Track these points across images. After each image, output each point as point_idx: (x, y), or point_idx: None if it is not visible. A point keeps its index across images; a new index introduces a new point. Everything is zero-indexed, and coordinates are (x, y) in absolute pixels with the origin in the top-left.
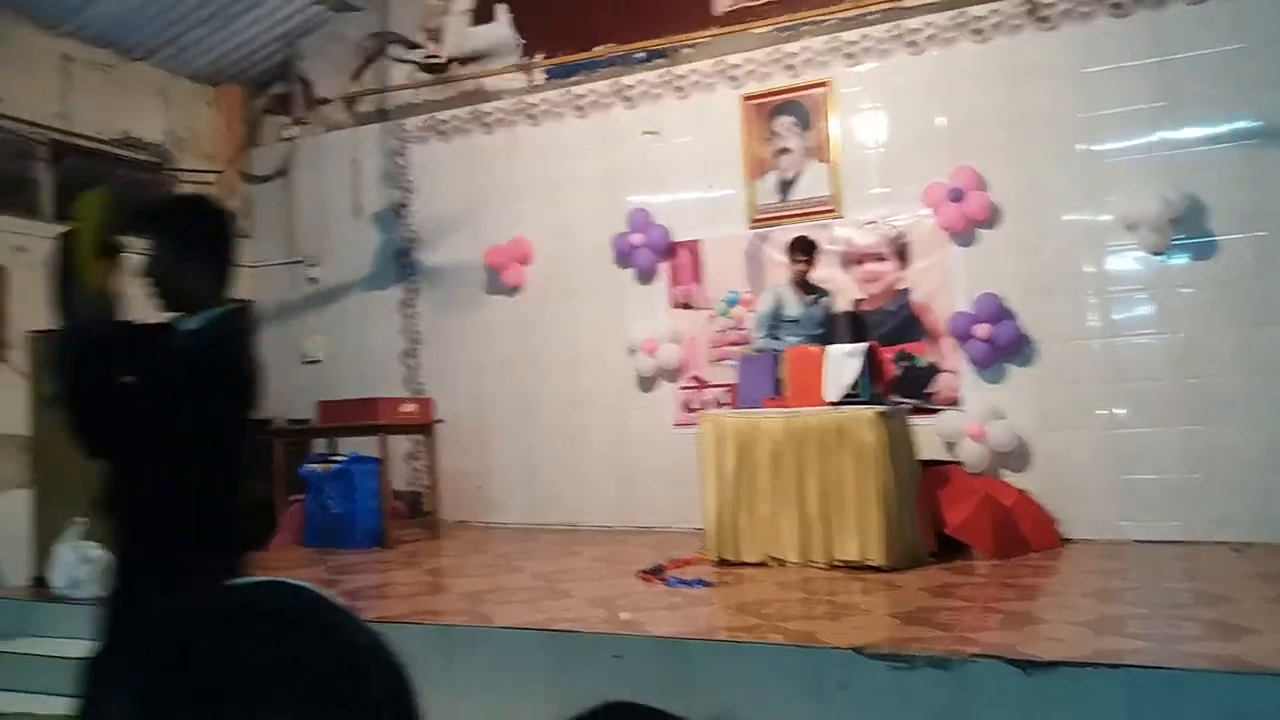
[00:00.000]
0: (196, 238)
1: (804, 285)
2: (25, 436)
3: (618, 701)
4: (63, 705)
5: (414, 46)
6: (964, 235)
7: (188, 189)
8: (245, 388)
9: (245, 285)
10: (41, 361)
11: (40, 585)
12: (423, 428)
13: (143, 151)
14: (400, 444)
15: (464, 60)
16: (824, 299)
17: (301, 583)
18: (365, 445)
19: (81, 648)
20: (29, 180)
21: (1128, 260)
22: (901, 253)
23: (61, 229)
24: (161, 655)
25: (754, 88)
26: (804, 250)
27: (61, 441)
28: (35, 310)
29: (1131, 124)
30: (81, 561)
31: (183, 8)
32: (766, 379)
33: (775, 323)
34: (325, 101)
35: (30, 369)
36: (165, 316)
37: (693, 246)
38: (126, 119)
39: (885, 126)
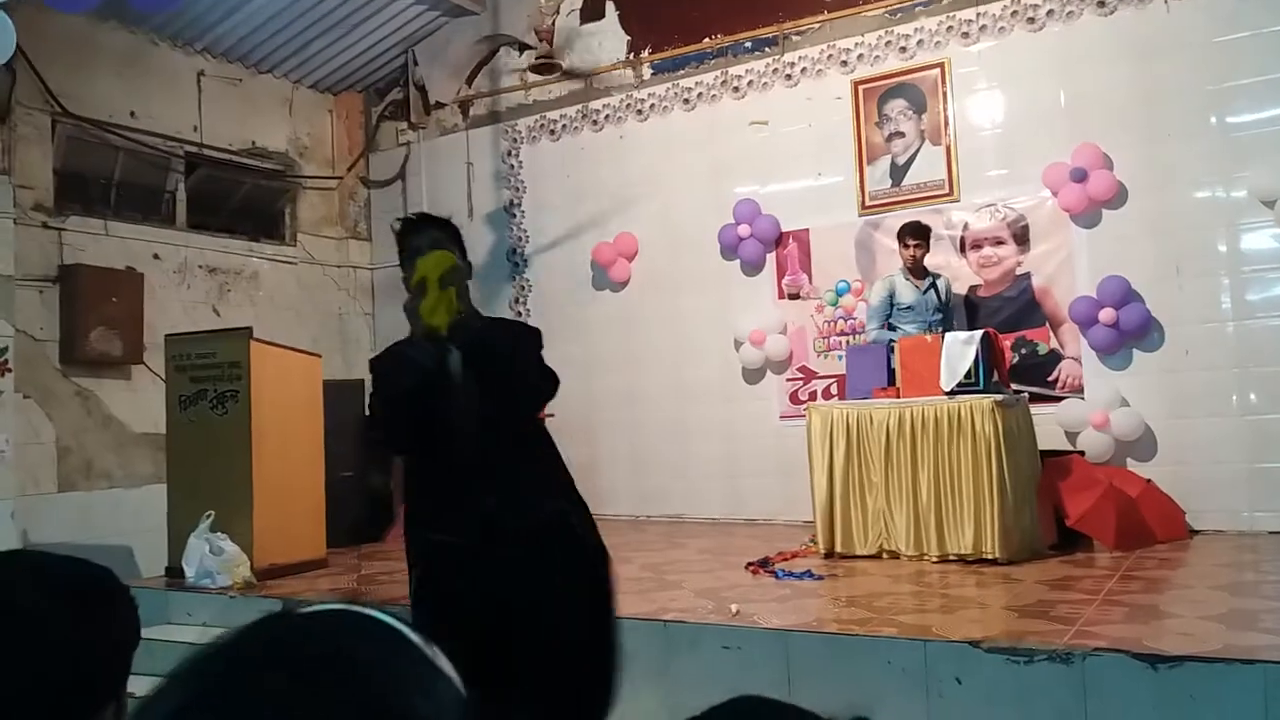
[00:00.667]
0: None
1: (917, 271)
2: (161, 435)
3: (749, 695)
4: None
5: (525, 48)
6: (1087, 216)
7: (311, 195)
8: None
9: (365, 287)
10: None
11: (174, 575)
12: None
13: (268, 160)
14: None
15: (574, 60)
16: (939, 282)
17: (382, 617)
18: None
19: (212, 634)
20: (165, 191)
21: (1264, 238)
22: (1021, 236)
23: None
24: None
25: (865, 72)
26: (915, 235)
27: (194, 439)
28: (170, 314)
29: (1269, 93)
30: (212, 553)
31: (305, 20)
32: (878, 369)
33: (890, 311)
34: (440, 106)
35: (166, 370)
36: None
37: (801, 236)
38: (253, 129)
39: (1003, 106)
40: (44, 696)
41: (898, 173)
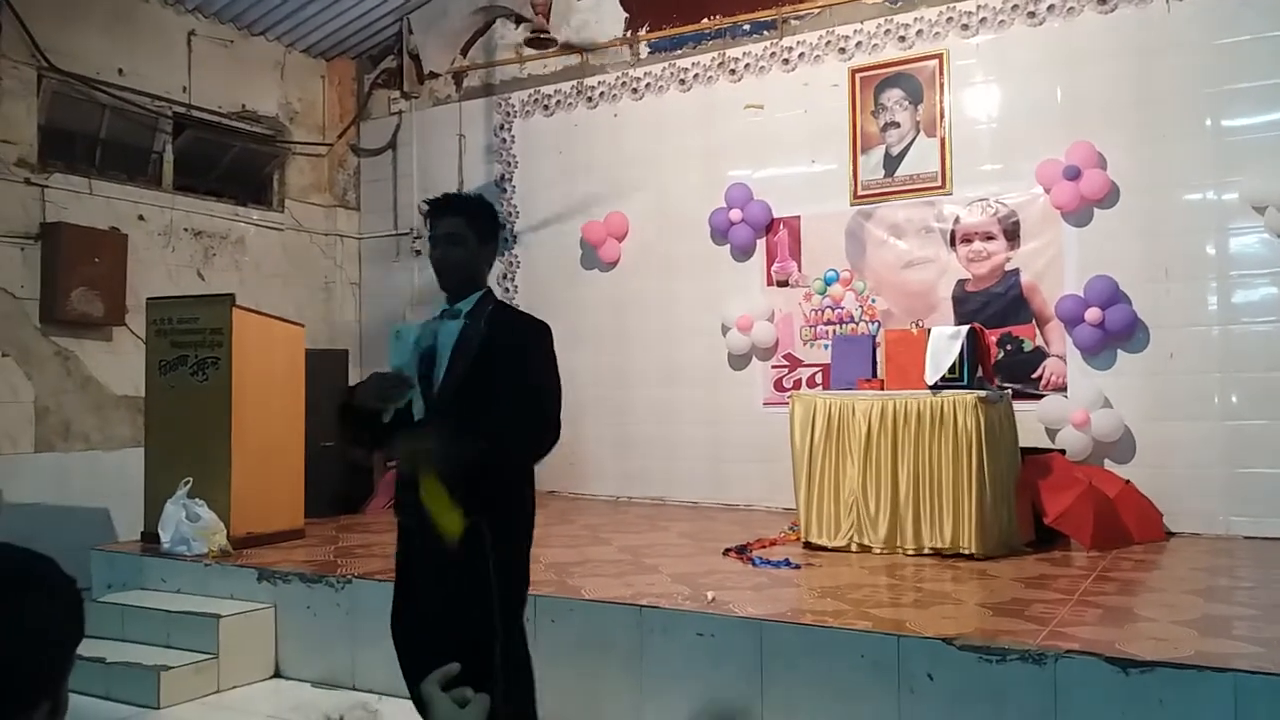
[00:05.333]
0: (494, 228)
1: None
2: (140, 398)
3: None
4: (169, 656)
5: (521, 21)
6: (1078, 215)
7: (300, 161)
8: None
9: (353, 256)
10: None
11: (150, 540)
12: None
13: (258, 124)
14: None
15: (570, 35)
16: None
17: None
18: None
19: (186, 602)
20: (152, 151)
21: (1253, 243)
22: (1011, 232)
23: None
24: None
25: (863, 60)
26: None
27: (173, 404)
28: (153, 276)
29: (1266, 98)
30: (189, 519)
31: None
32: (862, 360)
33: None
34: (434, 76)
35: (147, 334)
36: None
37: (792, 223)
38: (244, 93)
39: (999, 101)
40: None
41: (891, 163)
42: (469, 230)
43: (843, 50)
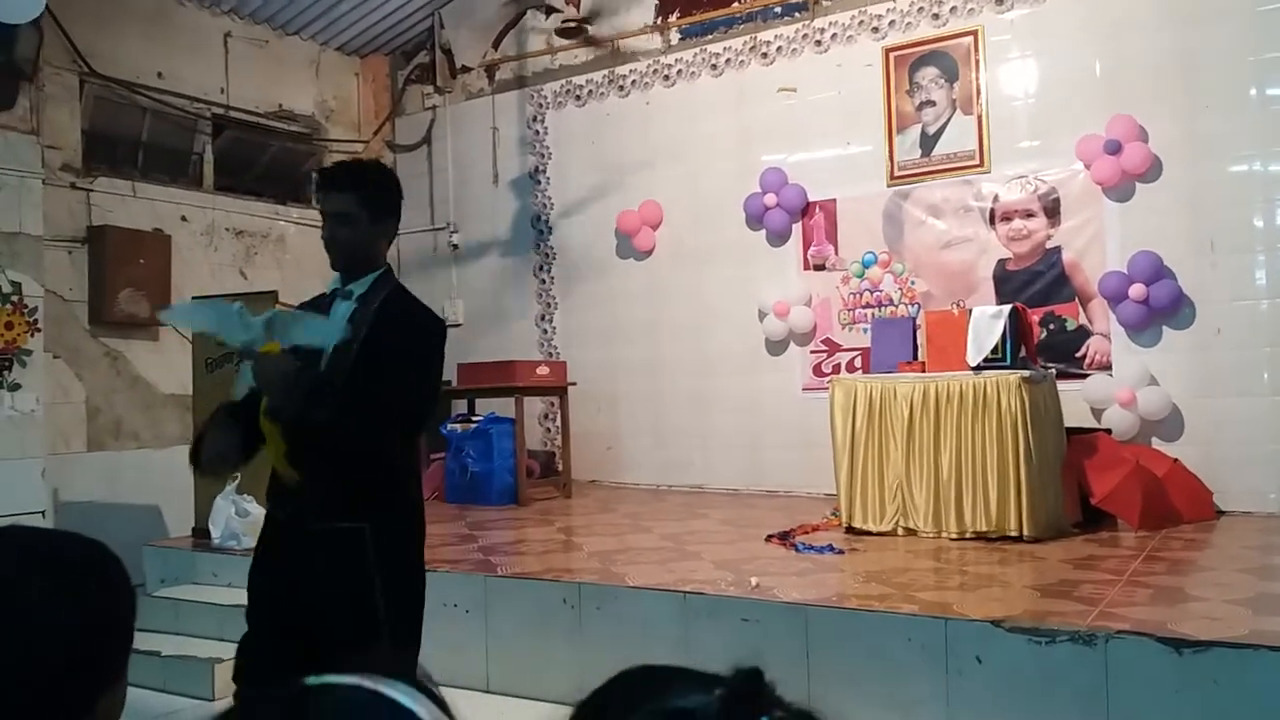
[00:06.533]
0: (391, 203)
1: None
2: (188, 396)
3: (637, 666)
4: (222, 648)
5: (552, 11)
6: (1120, 190)
7: (336, 158)
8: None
9: (391, 252)
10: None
11: (201, 536)
12: (556, 390)
13: (295, 123)
14: (534, 405)
15: (601, 24)
16: None
17: None
18: (502, 406)
19: (238, 596)
20: (192, 153)
21: None
22: (1052, 209)
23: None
24: None
25: (897, 39)
26: None
27: (220, 401)
28: (197, 276)
29: None
30: (238, 515)
31: None
32: (903, 343)
33: None
34: (466, 70)
35: (192, 333)
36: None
37: (828, 206)
38: (280, 92)
39: (1036, 76)
40: (33, 679)
41: (928, 142)
42: (360, 208)
43: (876, 30)
